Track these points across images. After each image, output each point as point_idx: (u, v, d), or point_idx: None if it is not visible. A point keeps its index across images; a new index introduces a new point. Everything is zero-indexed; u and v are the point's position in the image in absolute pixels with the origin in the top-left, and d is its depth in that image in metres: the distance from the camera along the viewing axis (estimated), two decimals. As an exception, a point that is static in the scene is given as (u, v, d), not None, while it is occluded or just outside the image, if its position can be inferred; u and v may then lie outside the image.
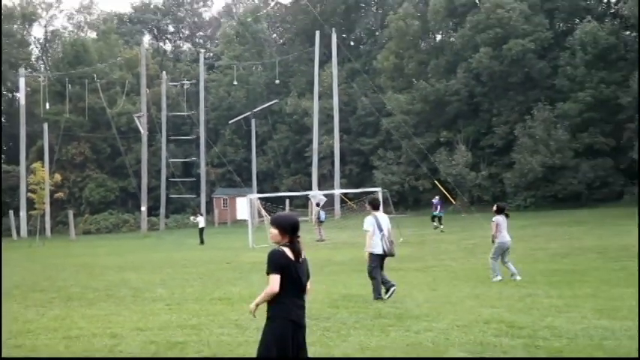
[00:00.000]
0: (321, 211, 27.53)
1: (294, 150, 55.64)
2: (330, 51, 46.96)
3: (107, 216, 53.62)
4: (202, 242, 29.06)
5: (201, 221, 30.86)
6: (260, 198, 33.64)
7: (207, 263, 19.07)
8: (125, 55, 58.92)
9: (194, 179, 53.50)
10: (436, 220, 28.98)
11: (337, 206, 41.28)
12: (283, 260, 4.59)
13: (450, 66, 47.00)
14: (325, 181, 48.54)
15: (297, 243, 4.68)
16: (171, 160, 52.24)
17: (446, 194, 34.09)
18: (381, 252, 10.25)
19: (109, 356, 7.21)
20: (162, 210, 50.05)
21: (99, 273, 17.12)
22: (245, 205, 40.17)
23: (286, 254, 4.61)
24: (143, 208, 44.69)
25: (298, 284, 4.65)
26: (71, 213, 45.72)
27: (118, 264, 20.04)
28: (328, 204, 36.40)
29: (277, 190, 48.71)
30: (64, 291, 13.18)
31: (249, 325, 8.14)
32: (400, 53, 49.63)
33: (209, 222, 42.77)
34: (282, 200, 41.36)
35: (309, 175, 48.93)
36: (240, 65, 55.34)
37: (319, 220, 26.95)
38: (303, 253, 4.70)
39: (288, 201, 44.31)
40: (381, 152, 49.23)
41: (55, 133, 50.50)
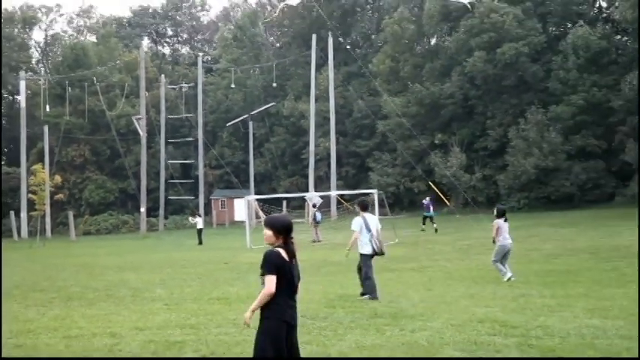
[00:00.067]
0: (318, 212, 27.62)
1: (291, 152, 55.61)
2: (327, 54, 46.86)
3: (107, 217, 53.53)
4: (201, 243, 29.10)
5: (199, 222, 30.79)
6: (257, 199, 33.75)
7: (205, 263, 19.03)
8: (124, 59, 58.76)
9: (192, 181, 53.56)
10: (427, 221, 29.00)
11: (333, 207, 41.34)
12: (279, 261, 4.61)
13: (445, 69, 47.07)
14: (322, 183, 48.58)
15: (291, 244, 4.71)
16: (170, 162, 52.21)
17: (440, 196, 34.35)
18: (371, 252, 10.43)
19: (109, 355, 7.25)
20: (161, 211, 50.16)
21: (99, 273, 17.15)
22: (243, 207, 39.83)
23: (281, 255, 4.63)
24: (142, 209, 44.71)
25: (292, 285, 4.68)
26: (71, 214, 45.89)
27: (118, 264, 20.04)
28: (324, 205, 36.46)
29: (274, 192, 48.43)
30: (64, 291, 13.23)
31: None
32: (396, 57, 49.69)
33: (207, 223, 42.65)
34: (279, 202, 41.21)
35: (305, 177, 48.74)
36: (237, 68, 55.08)
37: (315, 221, 27.03)
38: (297, 254, 4.74)
39: (285, 202, 44.27)
40: (377, 154, 49.33)
41: (56, 136, 50.34)
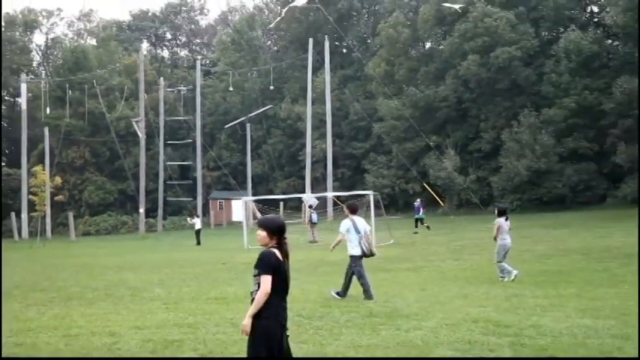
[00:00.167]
0: (314, 214, 27.83)
1: (288, 154, 55.67)
2: (323, 58, 47.22)
3: (106, 218, 53.74)
4: (199, 243, 29.25)
5: (197, 223, 30.87)
6: (255, 200, 34.12)
7: (203, 264, 19.06)
8: (124, 62, 59.07)
9: (191, 182, 53.81)
10: (418, 223, 29.36)
11: (330, 208, 41.47)
12: (275, 261, 4.60)
13: (439, 73, 47.10)
14: (318, 184, 48.61)
15: (284, 244, 4.70)
16: (168, 164, 52.47)
17: (435, 197, 34.73)
18: (360, 253, 10.58)
19: (108, 354, 7.29)
20: (159, 212, 50.48)
21: (98, 273, 17.23)
22: (240, 208, 39.31)
23: (277, 255, 4.62)
24: (141, 210, 44.94)
25: (285, 285, 4.67)
26: (71, 215, 46.19)
27: (117, 264, 20.10)
28: (321, 206, 36.64)
29: (272, 193, 48.88)
30: (64, 290, 13.27)
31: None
32: (391, 60, 49.78)
33: (205, 224, 42.70)
34: (276, 203, 41.05)
35: (302, 178, 49.04)
36: (235, 71, 55.26)
37: (312, 222, 27.21)
38: (290, 255, 4.74)
39: (282, 203, 44.15)
40: (373, 156, 49.41)
41: (56, 137, 50.55)
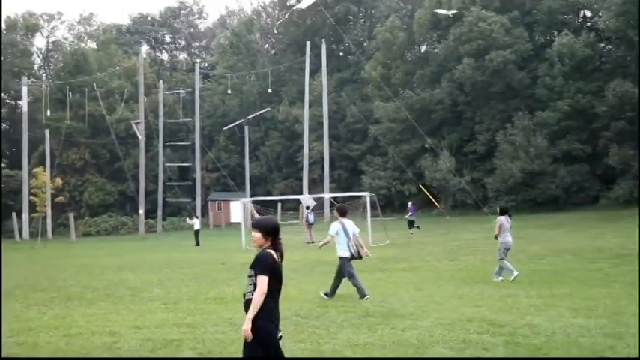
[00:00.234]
0: (310, 214, 28.06)
1: (285, 156, 55.91)
2: (320, 61, 47.57)
3: (106, 219, 53.93)
4: (198, 244, 29.39)
5: (196, 224, 30.96)
6: (253, 202, 34.28)
7: (202, 264, 19.12)
8: (124, 65, 59.24)
9: (190, 183, 54.07)
10: (411, 225, 29.85)
11: (327, 210, 41.61)
12: (272, 262, 4.60)
13: (435, 76, 47.30)
14: (315, 186, 48.76)
15: (279, 245, 4.71)
16: (167, 165, 52.76)
17: (430, 198, 35.16)
18: (349, 255, 10.67)
19: (108, 354, 7.34)
20: (159, 213, 50.71)
21: (98, 273, 17.30)
22: (239, 209, 40.22)
23: (274, 256, 4.63)
24: (141, 211, 45.15)
25: (280, 285, 4.67)
26: (72, 216, 46.44)
27: (117, 265, 20.18)
28: (318, 207, 37.17)
29: (269, 194, 49.23)
30: (65, 290, 13.33)
31: (242, 324, 8.57)
32: (387, 63, 49.94)
33: (204, 224, 42.76)
34: (274, 204, 41.10)
35: (300, 180, 49.15)
36: (234, 75, 55.43)
37: (309, 223, 27.37)
38: (284, 255, 4.75)
39: (279, 205, 44.37)
40: (369, 158, 49.69)
41: (57, 139, 50.76)
